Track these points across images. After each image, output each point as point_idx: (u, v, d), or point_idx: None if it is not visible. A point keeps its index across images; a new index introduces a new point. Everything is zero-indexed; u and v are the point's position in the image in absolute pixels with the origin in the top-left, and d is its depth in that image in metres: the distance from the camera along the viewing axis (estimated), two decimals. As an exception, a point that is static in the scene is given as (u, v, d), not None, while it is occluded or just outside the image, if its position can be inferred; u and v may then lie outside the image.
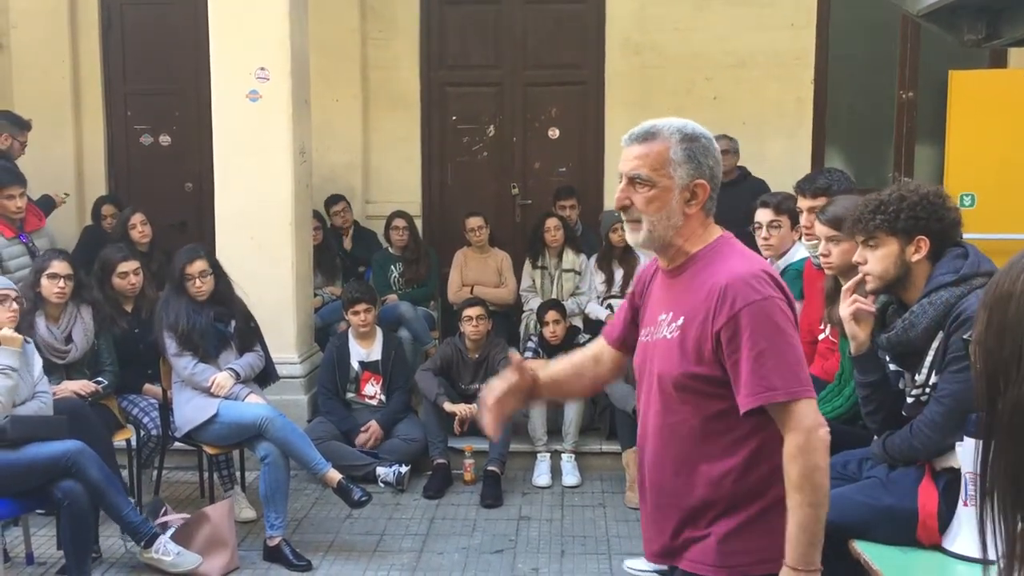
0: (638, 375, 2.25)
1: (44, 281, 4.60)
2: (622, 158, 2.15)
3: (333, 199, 7.13)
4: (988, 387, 1.16)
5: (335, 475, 4.60)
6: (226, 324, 4.83)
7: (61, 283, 4.61)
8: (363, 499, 4.62)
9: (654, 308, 2.22)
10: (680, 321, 2.10)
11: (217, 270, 4.82)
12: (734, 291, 2.01)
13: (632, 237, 2.17)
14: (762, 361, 1.98)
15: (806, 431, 1.98)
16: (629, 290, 2.39)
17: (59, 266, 4.64)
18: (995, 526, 1.14)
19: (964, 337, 2.49)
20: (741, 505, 2.08)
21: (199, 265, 4.73)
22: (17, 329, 4.18)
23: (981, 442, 1.17)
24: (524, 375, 2.33)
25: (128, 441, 4.92)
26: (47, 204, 6.29)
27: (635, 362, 2.27)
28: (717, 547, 2.08)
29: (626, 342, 2.37)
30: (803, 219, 3.82)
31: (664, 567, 2.29)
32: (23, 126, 6.10)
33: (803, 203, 3.82)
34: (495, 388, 2.32)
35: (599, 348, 2.45)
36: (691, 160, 2.09)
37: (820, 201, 3.68)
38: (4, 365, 4.00)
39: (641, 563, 4.36)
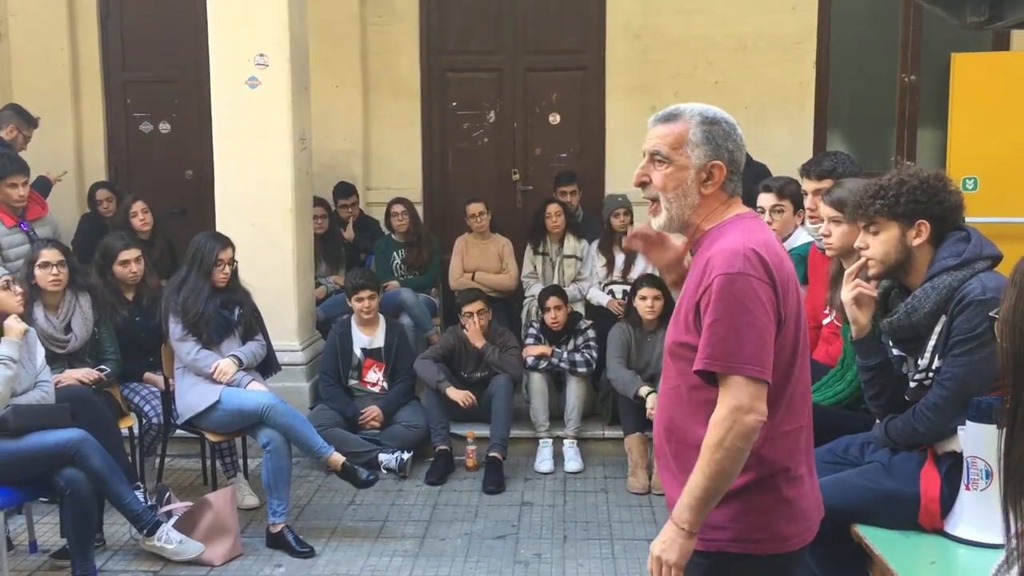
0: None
1: (37, 271, 4.60)
2: (646, 137, 2.23)
3: (344, 191, 7.10)
4: (1015, 364, 1.16)
5: (339, 458, 4.60)
6: (231, 312, 4.84)
7: (54, 270, 4.61)
8: (371, 478, 4.64)
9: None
10: (682, 293, 2.21)
11: (234, 258, 4.87)
12: (713, 263, 2.07)
13: (655, 222, 2.24)
14: (714, 330, 2.03)
15: (731, 408, 2.01)
16: None
17: (49, 254, 4.63)
18: (1016, 506, 1.14)
19: (991, 314, 2.49)
20: None
21: (230, 252, 4.81)
22: (21, 315, 4.19)
23: (1005, 415, 1.16)
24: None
25: (130, 429, 4.93)
26: (43, 185, 6.28)
27: None
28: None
29: None
30: (807, 201, 3.83)
31: None
32: (31, 122, 6.12)
33: (808, 185, 3.82)
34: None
35: None
36: (709, 142, 2.16)
37: (825, 183, 3.69)
38: (4, 355, 4.00)
39: None
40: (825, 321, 3.72)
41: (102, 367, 4.78)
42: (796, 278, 2.18)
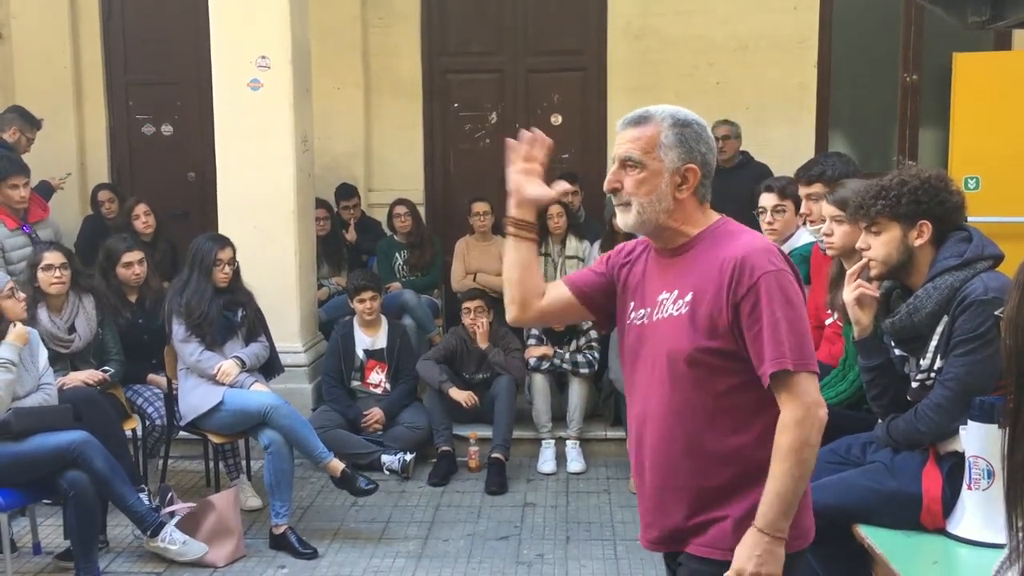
0: (631, 359, 2.23)
1: (40, 274, 4.62)
2: (616, 142, 2.18)
3: (346, 193, 7.11)
4: (1018, 364, 1.16)
5: (338, 465, 4.61)
6: (234, 313, 4.84)
7: (57, 273, 4.63)
8: (369, 487, 4.64)
9: (650, 289, 2.20)
10: (688, 297, 2.10)
11: (235, 259, 4.87)
12: (751, 263, 2.03)
13: (622, 219, 2.17)
14: (777, 329, 2.00)
15: (807, 405, 2.01)
16: (609, 254, 2.35)
17: (52, 256, 4.65)
18: (1018, 506, 1.14)
19: (996, 313, 2.49)
20: (754, 484, 2.07)
21: (229, 252, 4.81)
22: (24, 320, 4.22)
23: (1008, 415, 1.16)
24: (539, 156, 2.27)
25: (133, 431, 4.94)
26: (45, 190, 6.30)
27: (627, 346, 2.25)
28: (734, 530, 2.08)
29: (585, 294, 2.31)
30: (802, 206, 3.90)
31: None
32: (34, 124, 6.13)
33: (802, 190, 3.90)
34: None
35: (550, 286, 2.37)
36: (682, 144, 2.11)
37: (816, 188, 3.76)
38: (4, 359, 4.01)
39: None
40: (828, 321, 3.73)
41: (105, 368, 4.80)
42: None
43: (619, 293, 2.28)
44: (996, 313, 2.48)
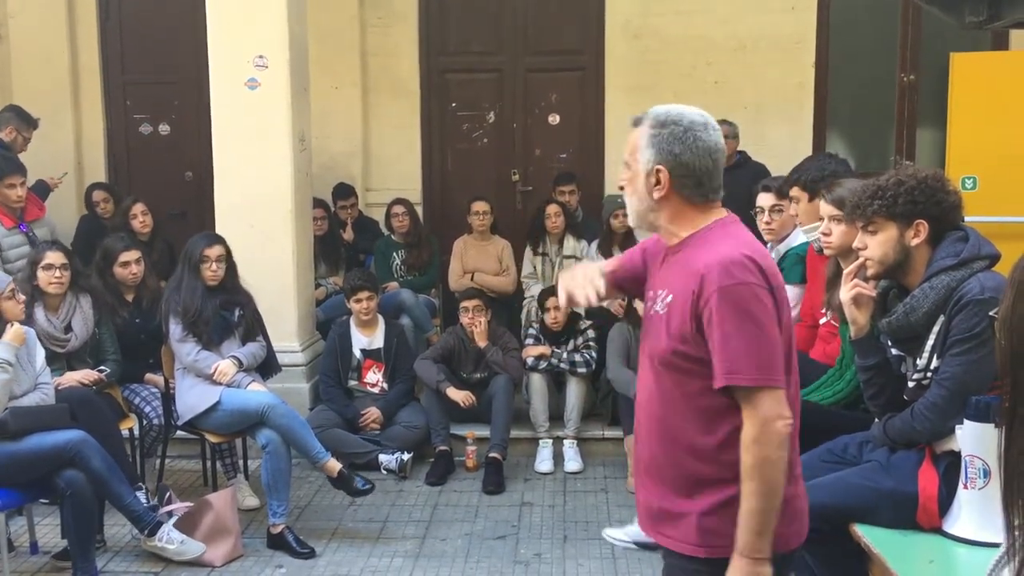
0: (640, 346, 2.32)
1: (40, 273, 4.62)
2: None
3: (343, 192, 7.12)
4: (1013, 363, 1.16)
5: (335, 465, 4.60)
6: (231, 312, 4.84)
7: (57, 273, 4.63)
8: (365, 487, 4.64)
9: (655, 282, 2.27)
10: (669, 299, 2.15)
11: (229, 259, 4.85)
12: (710, 274, 2.05)
13: (629, 219, 2.29)
14: (728, 344, 2.02)
15: (762, 421, 2.01)
16: (647, 243, 2.41)
17: (53, 256, 4.66)
18: (1014, 504, 1.15)
19: (990, 314, 2.50)
20: (721, 484, 2.10)
21: (218, 250, 4.79)
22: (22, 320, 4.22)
23: (1003, 414, 1.16)
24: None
25: (131, 430, 4.94)
26: (42, 189, 6.30)
27: (642, 333, 2.33)
28: (698, 526, 2.12)
29: (617, 280, 2.42)
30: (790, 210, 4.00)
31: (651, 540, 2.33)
32: (30, 123, 6.12)
33: (792, 194, 3.98)
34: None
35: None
36: (652, 146, 2.14)
37: (794, 191, 3.93)
38: (1, 359, 4.01)
39: (618, 532, 4.43)
40: (822, 321, 3.73)
41: (102, 368, 4.80)
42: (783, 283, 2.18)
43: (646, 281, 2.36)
44: (991, 313, 2.49)
